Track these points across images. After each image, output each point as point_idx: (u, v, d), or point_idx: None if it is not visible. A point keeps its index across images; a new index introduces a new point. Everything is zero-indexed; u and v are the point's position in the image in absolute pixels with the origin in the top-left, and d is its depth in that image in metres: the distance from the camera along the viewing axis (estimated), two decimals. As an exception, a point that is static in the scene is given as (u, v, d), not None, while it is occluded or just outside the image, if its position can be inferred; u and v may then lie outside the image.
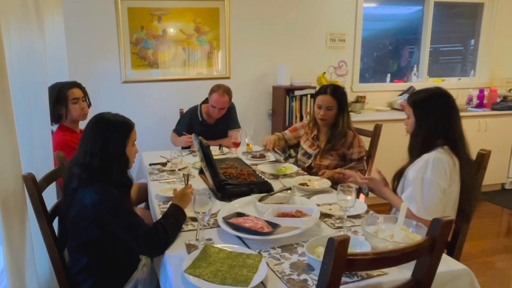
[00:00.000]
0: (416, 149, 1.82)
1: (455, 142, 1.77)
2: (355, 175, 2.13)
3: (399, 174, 1.89)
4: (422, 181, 1.72)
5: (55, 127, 2.44)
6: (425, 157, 1.74)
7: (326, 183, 2.18)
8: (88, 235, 1.53)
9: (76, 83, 2.42)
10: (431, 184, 1.70)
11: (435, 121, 1.78)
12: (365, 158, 2.61)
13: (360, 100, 4.31)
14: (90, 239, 1.54)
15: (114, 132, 1.59)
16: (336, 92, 2.50)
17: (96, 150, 1.55)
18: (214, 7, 3.88)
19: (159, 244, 1.49)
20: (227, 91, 3.07)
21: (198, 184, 2.22)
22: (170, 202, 1.74)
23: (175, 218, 1.60)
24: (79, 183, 1.53)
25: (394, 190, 1.92)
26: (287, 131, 2.86)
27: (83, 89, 2.45)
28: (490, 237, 3.43)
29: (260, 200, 1.85)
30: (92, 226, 1.51)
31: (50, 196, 1.93)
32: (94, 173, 1.54)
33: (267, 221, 1.59)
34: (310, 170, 2.59)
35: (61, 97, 2.31)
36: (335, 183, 2.25)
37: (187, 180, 1.88)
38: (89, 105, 2.50)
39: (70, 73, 3.07)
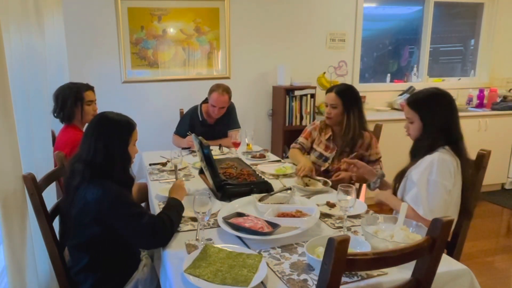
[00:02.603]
0: (421, 151, 1.80)
1: (456, 142, 1.77)
2: (366, 166, 2.13)
3: (401, 176, 1.88)
4: (427, 183, 1.71)
5: (54, 126, 2.44)
6: (429, 158, 1.73)
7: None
8: (89, 233, 1.53)
9: (90, 86, 2.47)
10: (436, 185, 1.69)
11: (440, 121, 1.77)
12: (381, 159, 2.55)
13: (360, 100, 4.32)
14: (91, 237, 1.54)
15: (118, 130, 1.62)
16: (341, 91, 2.45)
17: (99, 147, 1.57)
18: (214, 7, 3.88)
19: (166, 232, 1.53)
20: (227, 90, 3.07)
21: (198, 184, 2.22)
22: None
23: (176, 209, 1.66)
24: (81, 180, 1.54)
25: (395, 191, 1.91)
26: (302, 140, 2.68)
27: (94, 92, 2.49)
28: (490, 237, 3.43)
29: (260, 200, 1.85)
30: (94, 224, 1.52)
31: (50, 196, 1.93)
32: (97, 170, 1.55)
33: (267, 221, 1.59)
34: (327, 174, 2.50)
35: (78, 98, 2.36)
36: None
37: (177, 173, 1.90)
38: None
39: (70, 73, 3.08)
